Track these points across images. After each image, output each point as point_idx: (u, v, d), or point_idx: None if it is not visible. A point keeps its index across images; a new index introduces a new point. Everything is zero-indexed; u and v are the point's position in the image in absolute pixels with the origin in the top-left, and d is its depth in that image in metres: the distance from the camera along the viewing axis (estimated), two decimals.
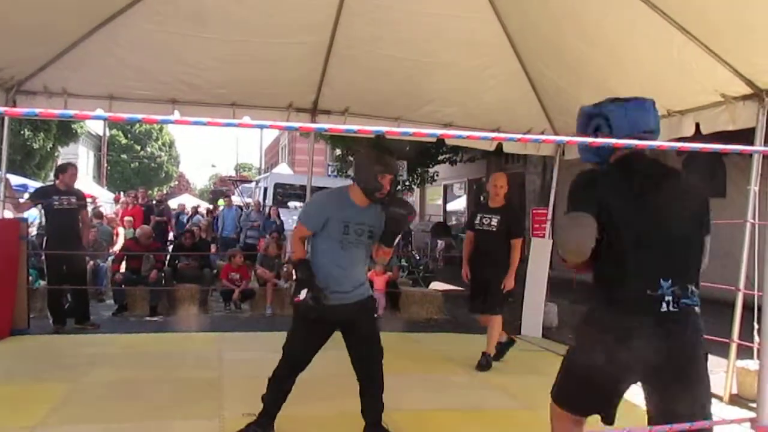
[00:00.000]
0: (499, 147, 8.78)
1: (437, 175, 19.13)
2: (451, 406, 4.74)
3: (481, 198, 19.18)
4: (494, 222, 5.82)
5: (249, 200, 19.53)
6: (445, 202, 21.75)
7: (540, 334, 7.54)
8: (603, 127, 2.49)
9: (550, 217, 8.02)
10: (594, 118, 2.55)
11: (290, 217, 13.48)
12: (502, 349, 6.13)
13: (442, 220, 20.95)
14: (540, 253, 7.83)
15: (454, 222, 21.32)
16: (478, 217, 6.00)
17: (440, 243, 15.42)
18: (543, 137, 6.59)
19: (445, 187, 21.73)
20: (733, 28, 4.50)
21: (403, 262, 11.77)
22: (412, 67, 6.62)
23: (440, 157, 17.36)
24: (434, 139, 11.16)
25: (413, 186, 19.55)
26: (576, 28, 5.49)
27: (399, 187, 17.09)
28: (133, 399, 4.48)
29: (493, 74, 6.73)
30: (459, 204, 21.64)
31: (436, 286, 11.37)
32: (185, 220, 15.81)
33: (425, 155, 16.71)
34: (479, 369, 5.81)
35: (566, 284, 10.89)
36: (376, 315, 3.79)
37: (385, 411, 3.84)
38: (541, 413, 4.68)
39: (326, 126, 4.93)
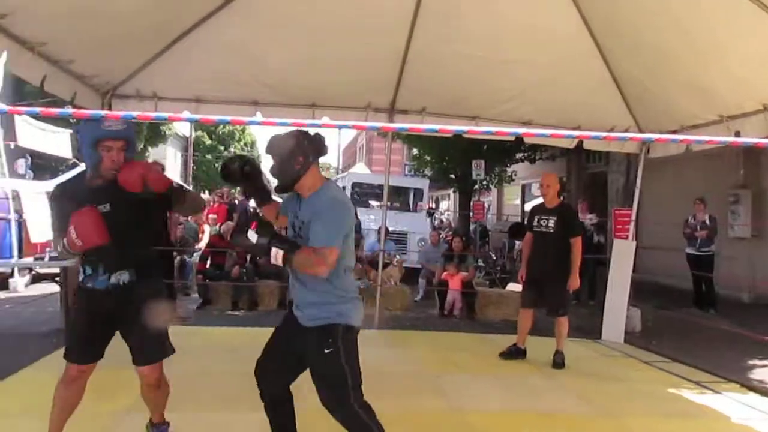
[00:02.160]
0: (579, 145, 8.55)
1: (515, 175, 18.80)
2: (527, 409, 4.67)
3: (561, 197, 18.70)
4: (551, 223, 5.89)
5: None
6: (523, 202, 21.32)
7: (622, 339, 7.28)
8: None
9: (633, 218, 7.74)
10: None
11: (368, 216, 13.60)
12: (512, 351, 6.16)
13: (519, 220, 20.57)
14: (623, 255, 7.57)
15: None
16: (536, 219, 6.07)
17: (517, 243, 15.12)
18: (629, 135, 6.37)
19: (523, 187, 21.31)
20: None
21: (480, 263, 11.66)
22: (489, 64, 6.54)
23: (518, 156, 17.05)
24: (513, 138, 11.01)
25: (490, 186, 19.30)
26: (663, 20, 5.26)
27: (476, 186, 16.94)
28: (212, 390, 4.65)
29: (574, 70, 6.55)
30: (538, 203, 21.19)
31: (513, 287, 11.17)
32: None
33: (503, 154, 16.46)
34: (555, 367, 5.82)
35: (651, 288, 10.50)
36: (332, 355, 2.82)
37: (461, 412, 3.82)
38: (618, 421, 4.58)
39: (407, 126, 4.95)
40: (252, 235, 2.72)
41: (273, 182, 2.96)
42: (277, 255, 2.70)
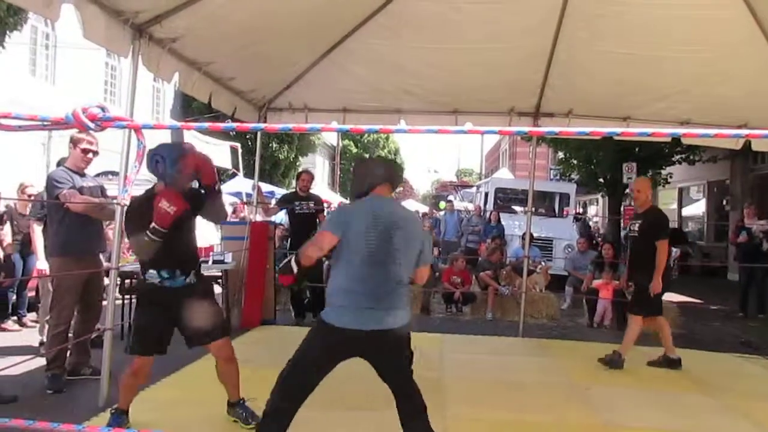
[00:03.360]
0: (746, 145, 7.85)
1: (671, 177, 17.64)
2: (686, 428, 4.35)
3: (724, 202, 17.29)
4: (636, 227, 5.98)
5: (470, 205, 19.81)
6: (680, 206, 19.95)
7: None
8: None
9: None
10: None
11: (512, 221, 13.39)
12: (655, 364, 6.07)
13: (676, 225, 19.26)
14: None
15: (690, 228, 19.49)
16: (630, 225, 6.30)
17: (675, 251, 14.18)
18: None
19: (680, 190, 19.92)
20: None
21: None
22: (639, 62, 6.19)
23: (675, 158, 15.98)
24: (669, 139, 10.35)
25: None
26: None
27: (627, 190, 16.09)
28: (360, 390, 4.78)
29: (736, 64, 6.02)
30: (697, 208, 19.72)
31: (671, 297, 10.48)
32: None
33: (658, 155, 15.51)
34: (605, 364, 5.89)
35: None
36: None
37: (610, 427, 3.66)
38: None
39: (556, 129, 4.82)
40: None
41: None
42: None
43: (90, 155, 4.89)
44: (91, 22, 4.02)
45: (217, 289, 9.21)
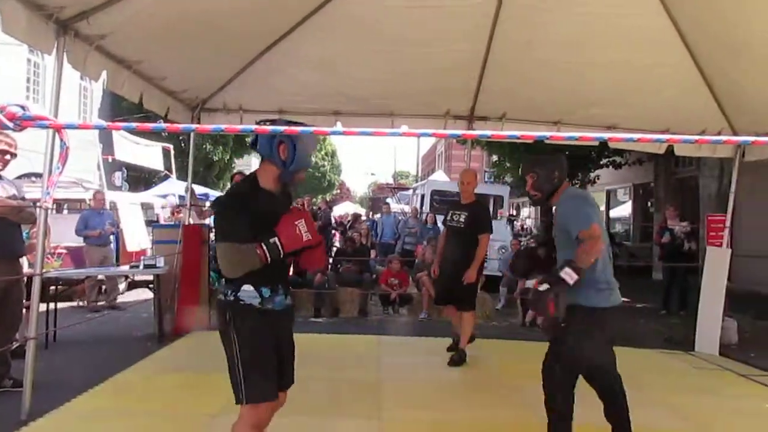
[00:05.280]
0: (669, 149, 8.21)
1: (597, 179, 18.30)
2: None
3: (649, 204, 18.01)
4: (462, 218, 5.94)
5: (406, 207, 19.94)
6: (608, 208, 20.68)
7: (717, 352, 6.92)
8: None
9: (728, 224, 7.34)
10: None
11: None
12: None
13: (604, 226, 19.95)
14: (716, 263, 7.20)
15: (618, 229, 20.23)
16: (450, 214, 6.14)
17: None
18: (723, 138, 6.05)
19: (608, 193, 20.66)
20: None
21: None
22: (571, 69, 6.39)
23: (602, 161, 16.56)
24: (597, 143, 10.69)
25: None
26: (758, 14, 4.98)
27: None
28: (298, 395, 4.73)
29: (662, 72, 6.30)
30: (624, 210, 20.50)
31: None
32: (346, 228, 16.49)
33: (587, 159, 16.03)
34: (452, 365, 5.88)
35: (749, 298, 9.93)
36: None
37: (545, 423, 3.74)
38: None
39: (489, 133, 4.90)
40: None
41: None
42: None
43: (8, 156, 4.67)
44: (11, 15, 3.82)
45: (149, 294, 9.03)
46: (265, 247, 2.64)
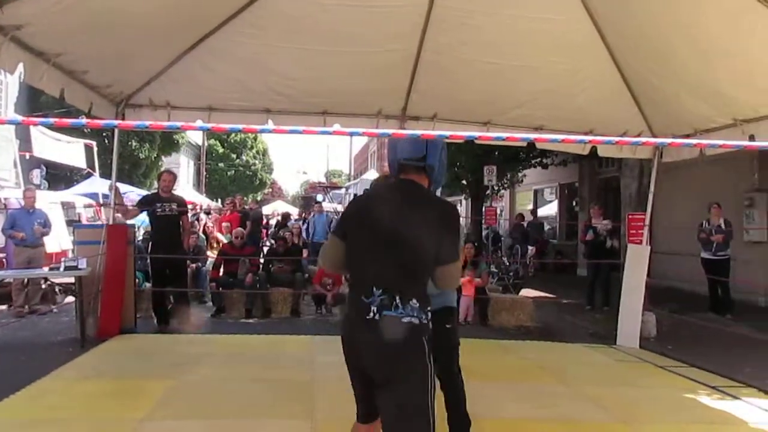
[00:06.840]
0: (593, 150, 8.52)
1: (524, 177, 18.79)
2: (543, 417, 4.63)
3: (574, 203, 18.63)
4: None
5: (339, 206, 19.90)
6: (535, 206, 21.27)
7: (637, 345, 7.23)
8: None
9: (647, 222, 7.68)
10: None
11: None
12: None
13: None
14: (637, 260, 7.51)
15: (545, 227, 20.83)
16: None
17: (530, 249, 15.08)
18: (642, 139, 6.33)
19: (536, 192, 21.27)
20: None
21: (493, 269, 11.62)
22: (500, 71, 6.53)
23: (531, 161, 17.01)
24: (525, 143, 10.96)
25: (502, 190, 19.26)
26: (674, 24, 5.23)
27: (488, 192, 16.90)
28: (229, 397, 4.67)
29: (586, 76, 6.54)
30: (550, 209, 21.13)
31: (527, 292, 11.14)
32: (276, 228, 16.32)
33: (515, 159, 16.43)
34: None
35: (666, 293, 10.42)
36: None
37: (477, 419, 3.80)
38: (635, 427, 4.54)
39: (418, 132, 4.96)
40: None
41: None
42: None
43: None
44: None
45: (70, 298, 8.64)
46: None
